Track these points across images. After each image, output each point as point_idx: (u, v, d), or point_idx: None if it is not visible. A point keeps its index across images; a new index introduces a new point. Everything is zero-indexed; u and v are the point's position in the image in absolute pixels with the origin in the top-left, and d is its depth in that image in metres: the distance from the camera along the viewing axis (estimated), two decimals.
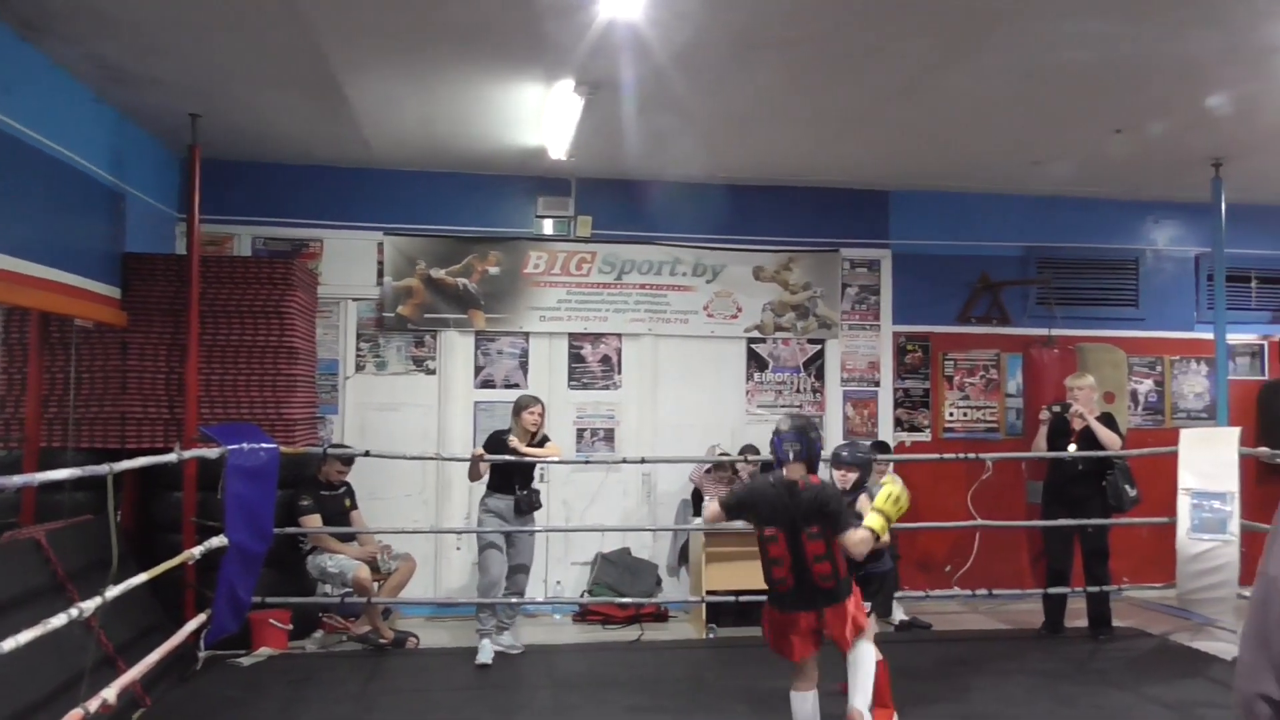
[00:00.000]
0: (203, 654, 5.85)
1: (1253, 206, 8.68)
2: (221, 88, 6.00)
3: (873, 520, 4.34)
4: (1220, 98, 6.02)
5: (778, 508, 4.30)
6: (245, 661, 6.19)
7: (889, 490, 4.45)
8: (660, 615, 7.63)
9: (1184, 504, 6.48)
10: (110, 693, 4.16)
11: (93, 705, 3.99)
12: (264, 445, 5.85)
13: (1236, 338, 8.76)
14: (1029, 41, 5.25)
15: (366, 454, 6.75)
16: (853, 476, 5.09)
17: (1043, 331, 8.35)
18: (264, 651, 6.36)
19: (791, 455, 4.34)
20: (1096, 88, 5.94)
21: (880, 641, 5.34)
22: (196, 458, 5.67)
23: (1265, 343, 9.13)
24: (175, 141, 6.88)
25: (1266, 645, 1.97)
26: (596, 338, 8.16)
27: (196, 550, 5.38)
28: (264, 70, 5.75)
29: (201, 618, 5.68)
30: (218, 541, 5.54)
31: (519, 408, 6.56)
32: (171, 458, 5.18)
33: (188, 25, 5.08)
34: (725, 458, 7.60)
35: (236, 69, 5.73)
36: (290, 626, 6.60)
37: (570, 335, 8.11)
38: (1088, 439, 6.88)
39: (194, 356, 6.33)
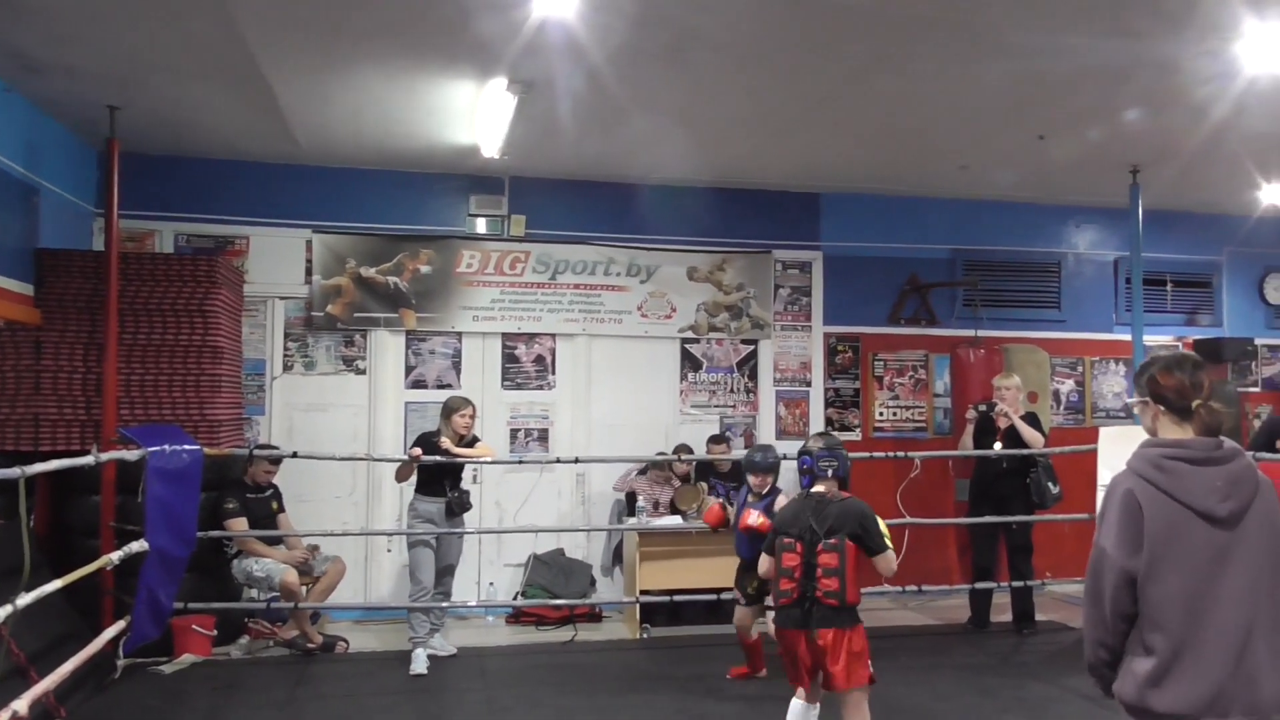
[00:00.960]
0: (121, 662, 5.69)
1: (1168, 212, 8.97)
2: (141, 79, 5.83)
3: (888, 542, 4.29)
4: (1138, 107, 6.21)
5: (800, 515, 4.24)
6: (167, 669, 6.03)
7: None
8: (594, 616, 7.62)
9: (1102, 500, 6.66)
10: (21, 704, 4.03)
11: (3, 717, 3.85)
12: (187, 447, 5.71)
13: (1153, 339, 9.02)
14: (955, 50, 5.36)
15: (295, 455, 6.62)
16: (770, 480, 5.49)
17: (969, 332, 8.54)
18: (186, 658, 6.21)
19: (830, 473, 4.31)
20: (1020, 95, 6.08)
21: None
22: (115, 460, 5.49)
23: (1180, 344, 9.42)
24: (92, 134, 6.67)
25: (1100, 603, 2.46)
26: (530, 338, 8.12)
27: (115, 555, 5.25)
28: (186, 62, 5.60)
29: (120, 625, 5.53)
30: (138, 546, 5.39)
31: (450, 410, 6.48)
32: (89, 460, 5.04)
33: (105, 14, 4.92)
34: (662, 457, 7.62)
35: (157, 60, 5.56)
36: (214, 632, 6.45)
37: (504, 335, 8.06)
38: (1013, 437, 7.04)
39: (113, 356, 6.14)
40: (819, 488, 4.30)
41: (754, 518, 5.38)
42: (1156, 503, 2.41)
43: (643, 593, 7.05)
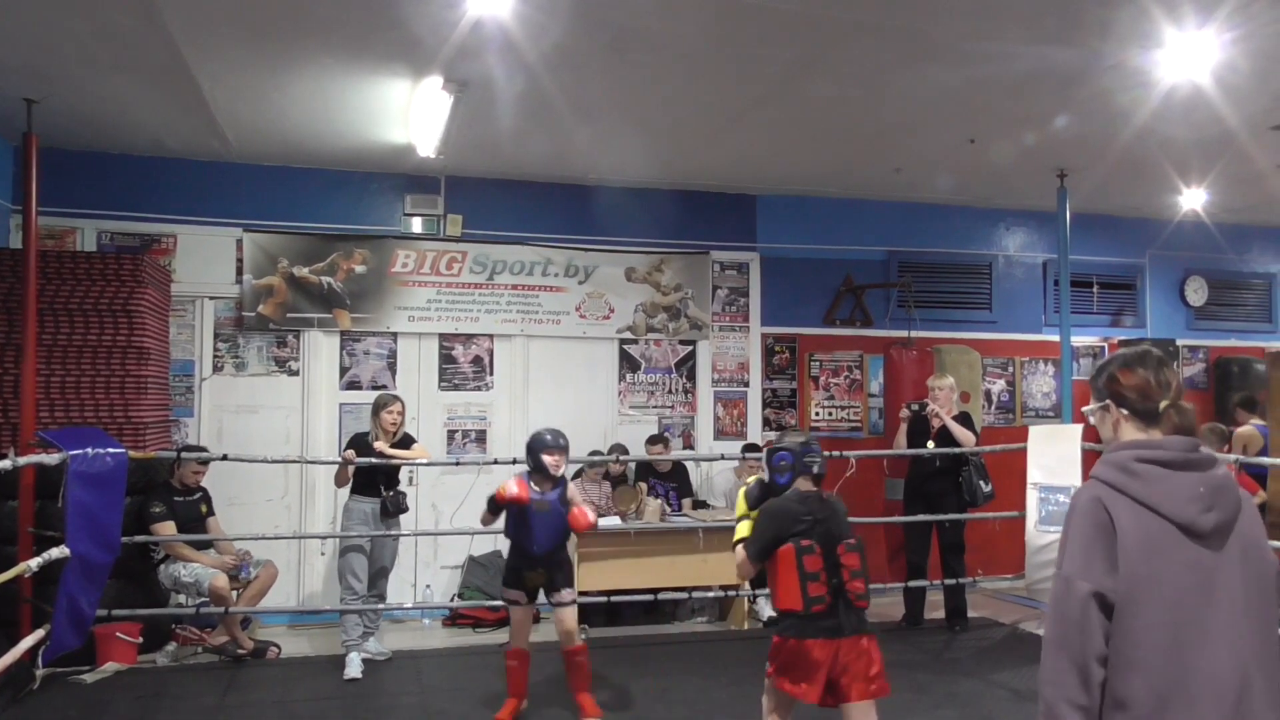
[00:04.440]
0: (40, 672, 5.50)
1: (1094, 216, 9.22)
2: (60, 72, 5.65)
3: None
4: (1064, 113, 6.36)
5: (815, 518, 3.86)
6: (89, 679, 5.86)
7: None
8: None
9: (1032, 498, 6.81)
10: None
11: None
12: (110, 450, 5.54)
13: (1080, 340, 9.26)
14: (888, 55, 5.43)
15: (225, 458, 6.46)
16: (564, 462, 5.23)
17: (903, 333, 8.66)
18: (110, 667, 6.04)
19: (816, 469, 3.98)
20: (952, 101, 6.19)
21: (747, 638, 5.41)
22: (34, 464, 5.33)
23: (1105, 344, 9.68)
24: (9, 129, 6.45)
25: (1067, 647, 1.96)
26: (468, 338, 8.05)
27: (33, 562, 5.07)
28: (108, 56, 5.44)
29: (39, 634, 5.35)
30: (57, 552, 5.22)
31: (378, 407, 6.40)
32: (5, 464, 4.87)
33: (20, 3, 4.76)
34: (599, 458, 7.60)
35: (77, 53, 5.39)
36: (140, 640, 6.28)
37: (440, 336, 7.98)
38: (945, 437, 7.15)
39: (31, 357, 5.94)
40: (807, 486, 3.97)
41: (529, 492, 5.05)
42: (1130, 513, 1.99)
43: (580, 593, 7.02)
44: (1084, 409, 2.30)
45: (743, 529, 4.01)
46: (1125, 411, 2.16)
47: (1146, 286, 9.86)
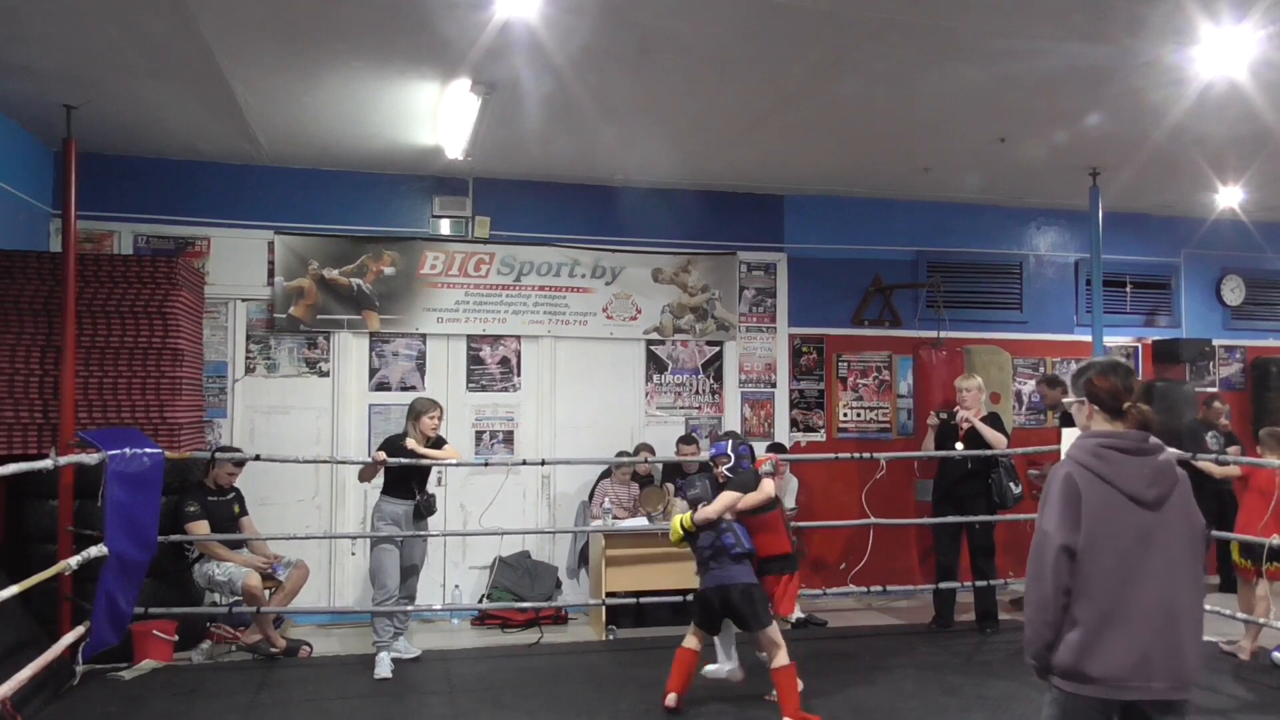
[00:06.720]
0: (80, 668, 5.61)
1: (1127, 214, 9.11)
2: (99, 79, 5.75)
3: None
4: (1097, 111, 6.29)
5: None
6: (126, 675, 5.95)
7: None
8: (560, 618, 7.61)
9: None
10: None
11: None
12: (147, 450, 5.64)
13: (1113, 340, 9.16)
14: (916, 54, 5.41)
15: (257, 458, 6.54)
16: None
17: (932, 334, 8.61)
18: (147, 664, 6.12)
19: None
20: (982, 99, 6.15)
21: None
22: (74, 464, 5.42)
23: (1139, 345, 9.58)
24: (49, 134, 6.58)
25: (1042, 581, 2.73)
26: (495, 339, 8.09)
27: (73, 560, 5.17)
28: (144, 62, 5.53)
29: (79, 630, 5.45)
30: (96, 551, 5.31)
31: (418, 411, 6.42)
32: (46, 464, 4.97)
33: (61, 12, 4.85)
34: (627, 459, 7.62)
35: (115, 60, 5.49)
36: (175, 637, 6.37)
37: (469, 337, 8.02)
38: (975, 438, 7.10)
39: (71, 358, 6.04)
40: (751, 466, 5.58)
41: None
42: (1094, 486, 2.74)
43: (608, 594, 7.05)
44: (1064, 400, 3.09)
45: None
46: (1097, 407, 2.91)
47: (1181, 286, 9.75)
